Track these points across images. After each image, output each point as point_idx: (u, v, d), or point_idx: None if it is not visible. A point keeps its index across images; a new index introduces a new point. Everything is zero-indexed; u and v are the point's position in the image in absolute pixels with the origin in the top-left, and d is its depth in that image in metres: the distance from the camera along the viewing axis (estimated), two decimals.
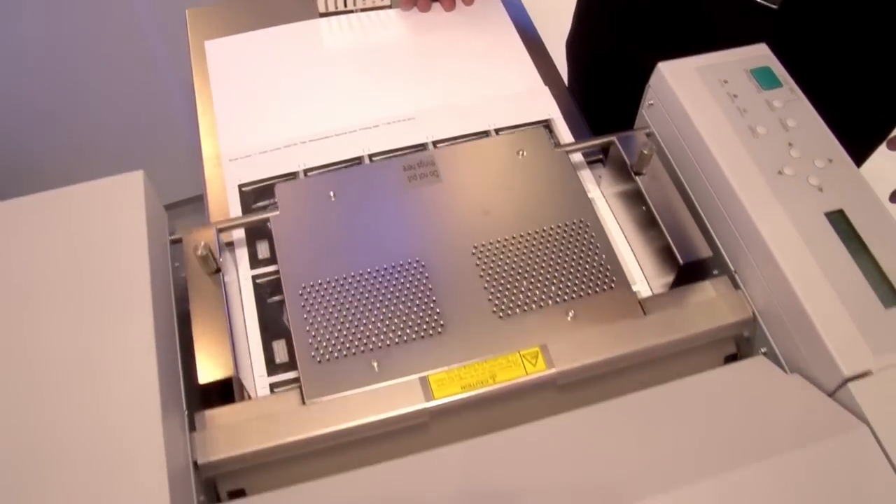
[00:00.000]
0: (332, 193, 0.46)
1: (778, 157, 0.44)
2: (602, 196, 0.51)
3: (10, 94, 0.97)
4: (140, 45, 0.93)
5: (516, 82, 0.59)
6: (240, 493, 0.40)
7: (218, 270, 0.43)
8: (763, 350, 0.43)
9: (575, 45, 0.74)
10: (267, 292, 0.47)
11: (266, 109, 0.58)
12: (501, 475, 0.36)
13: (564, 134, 0.54)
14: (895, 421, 0.36)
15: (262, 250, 0.49)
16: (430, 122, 0.54)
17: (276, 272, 0.45)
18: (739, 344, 0.44)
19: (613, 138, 0.49)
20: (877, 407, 0.36)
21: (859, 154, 0.68)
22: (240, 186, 0.52)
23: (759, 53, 0.49)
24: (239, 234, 0.49)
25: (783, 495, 0.34)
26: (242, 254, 0.48)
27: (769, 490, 0.35)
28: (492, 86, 0.59)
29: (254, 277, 0.47)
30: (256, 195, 0.53)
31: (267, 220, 0.46)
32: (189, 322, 0.42)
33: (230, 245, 0.49)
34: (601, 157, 0.53)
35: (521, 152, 0.48)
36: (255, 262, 0.48)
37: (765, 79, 0.47)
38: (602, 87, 0.72)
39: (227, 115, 0.57)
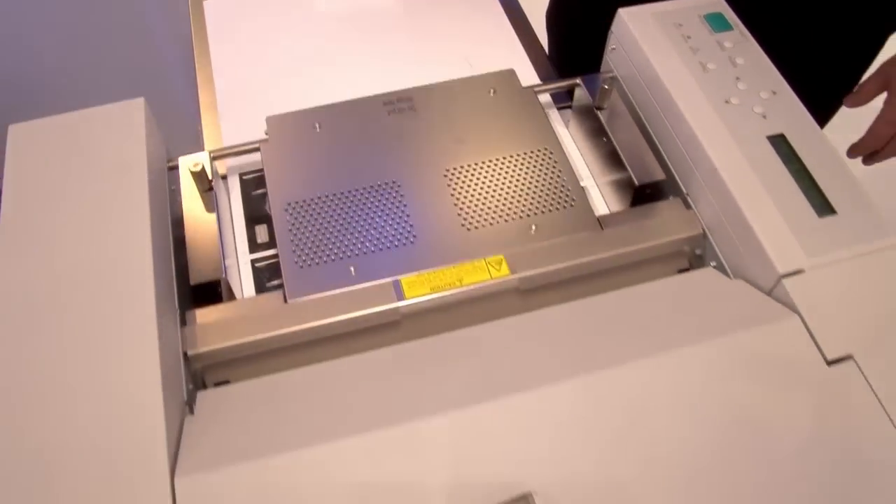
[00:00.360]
0: (317, 125, 0.50)
1: (725, 88, 0.48)
2: (569, 134, 0.54)
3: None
4: (138, 9, 0.96)
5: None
6: (225, 384, 0.43)
7: (210, 189, 0.47)
8: (712, 264, 0.46)
9: (553, 15, 0.78)
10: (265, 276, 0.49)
11: (264, 86, 0.61)
12: (466, 362, 0.40)
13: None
14: (823, 311, 0.39)
15: (261, 234, 0.51)
16: None
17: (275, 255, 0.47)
18: (691, 261, 0.48)
19: (578, 80, 0.53)
20: (807, 300, 0.40)
21: (822, 117, 0.72)
22: (241, 175, 0.54)
23: (713, 0, 0.53)
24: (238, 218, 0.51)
25: (722, 371, 0.38)
26: (234, 182, 0.52)
27: (709, 367, 0.38)
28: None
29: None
30: (256, 183, 0.54)
31: (258, 148, 0.50)
32: (184, 242, 0.46)
33: (224, 179, 0.53)
34: (570, 104, 0.57)
35: (492, 91, 0.52)
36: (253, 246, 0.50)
37: (717, 23, 0.51)
38: (580, 57, 0.76)
39: (227, 95, 0.60)
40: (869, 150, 0.62)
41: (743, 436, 0.36)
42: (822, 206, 0.43)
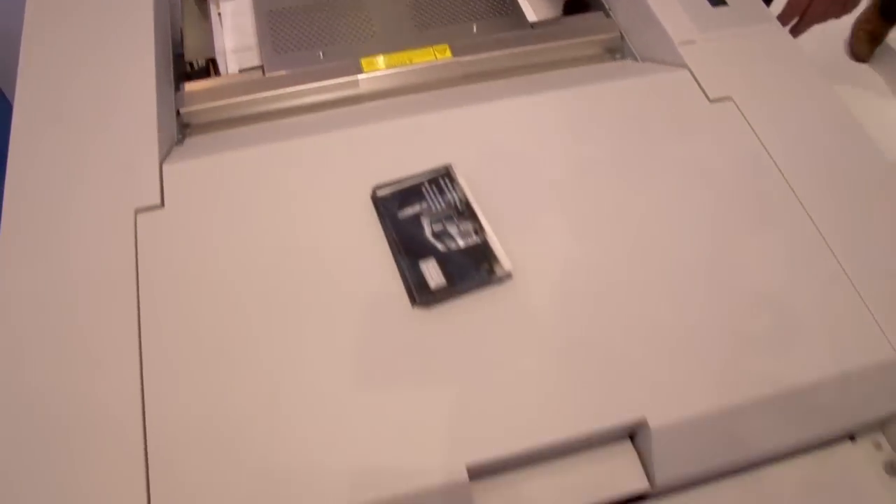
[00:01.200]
0: None
1: None
2: None
3: None
4: None
5: None
6: None
7: (206, 1, 0.56)
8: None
9: None
10: None
11: None
12: (414, 102, 0.48)
13: None
14: (708, 67, 0.47)
15: None
16: None
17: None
18: None
19: None
20: (696, 59, 0.48)
21: None
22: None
23: None
24: None
25: (622, 102, 0.45)
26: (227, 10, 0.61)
27: (613, 98, 0.45)
28: None
29: None
30: None
31: None
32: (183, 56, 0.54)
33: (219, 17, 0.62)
34: None
35: None
36: None
37: None
38: None
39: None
40: (791, 17, 0.70)
41: (639, 145, 0.44)
42: None
